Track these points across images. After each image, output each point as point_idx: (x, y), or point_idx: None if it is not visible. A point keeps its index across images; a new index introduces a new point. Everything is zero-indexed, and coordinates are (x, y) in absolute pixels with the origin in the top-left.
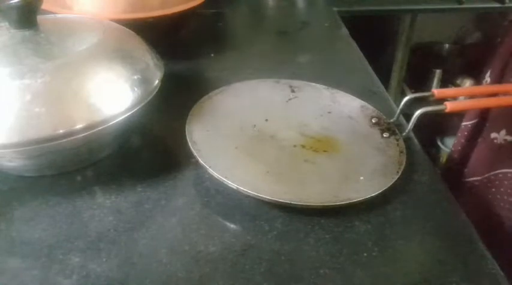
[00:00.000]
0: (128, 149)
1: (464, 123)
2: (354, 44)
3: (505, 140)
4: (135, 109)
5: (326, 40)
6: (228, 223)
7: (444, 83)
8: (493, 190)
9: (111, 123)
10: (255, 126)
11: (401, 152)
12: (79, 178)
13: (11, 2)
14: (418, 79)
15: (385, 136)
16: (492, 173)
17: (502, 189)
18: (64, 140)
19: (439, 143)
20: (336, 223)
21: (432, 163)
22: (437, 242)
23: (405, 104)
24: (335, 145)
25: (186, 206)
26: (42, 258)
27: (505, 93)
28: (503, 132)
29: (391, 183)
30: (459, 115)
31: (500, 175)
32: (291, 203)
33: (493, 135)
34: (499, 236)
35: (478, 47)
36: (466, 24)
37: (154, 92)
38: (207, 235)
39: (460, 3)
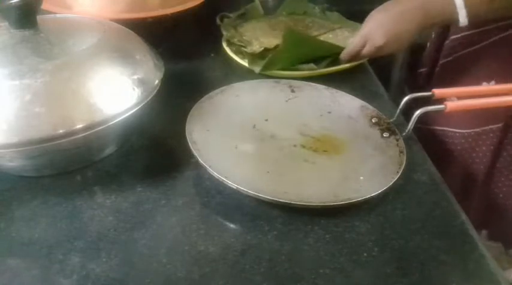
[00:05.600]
0: (127, 149)
1: None
2: None
3: None
4: (135, 109)
5: None
6: (228, 223)
7: None
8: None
9: (111, 123)
10: (255, 126)
11: (401, 152)
12: (79, 178)
13: (11, 2)
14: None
15: (385, 136)
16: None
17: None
18: (64, 140)
19: None
20: (336, 223)
21: (432, 163)
22: (437, 242)
23: (405, 104)
24: (335, 145)
25: (186, 206)
26: (42, 258)
27: (506, 93)
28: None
29: (391, 183)
30: None
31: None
32: (291, 203)
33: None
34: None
35: None
36: None
37: (154, 92)
38: (207, 234)
39: None
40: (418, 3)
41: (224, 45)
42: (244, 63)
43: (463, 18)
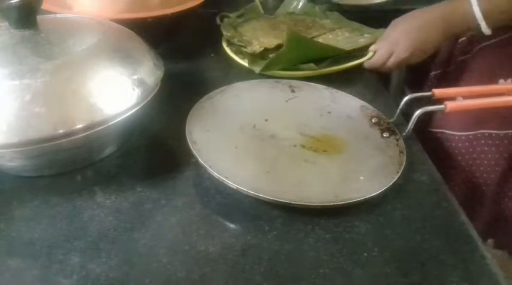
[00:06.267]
0: (127, 149)
1: None
2: None
3: None
4: (135, 109)
5: None
6: (228, 223)
7: None
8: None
9: (111, 123)
10: (255, 125)
11: (401, 152)
12: (79, 178)
13: (11, 2)
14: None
15: (385, 136)
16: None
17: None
18: (64, 140)
19: None
20: (336, 223)
21: (432, 163)
22: (437, 242)
23: (405, 104)
24: (335, 145)
25: (185, 206)
26: (42, 258)
27: (506, 93)
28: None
29: (391, 183)
30: None
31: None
32: (291, 203)
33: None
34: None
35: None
36: None
37: (154, 92)
38: (207, 234)
39: None
40: (439, 13)
41: (224, 45)
42: (244, 63)
43: (485, 29)
